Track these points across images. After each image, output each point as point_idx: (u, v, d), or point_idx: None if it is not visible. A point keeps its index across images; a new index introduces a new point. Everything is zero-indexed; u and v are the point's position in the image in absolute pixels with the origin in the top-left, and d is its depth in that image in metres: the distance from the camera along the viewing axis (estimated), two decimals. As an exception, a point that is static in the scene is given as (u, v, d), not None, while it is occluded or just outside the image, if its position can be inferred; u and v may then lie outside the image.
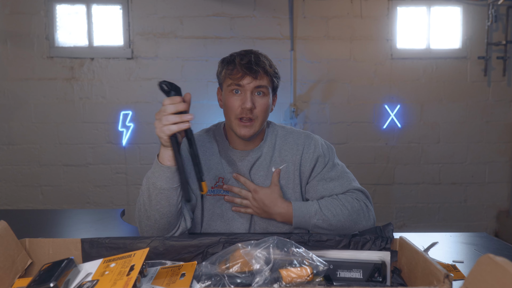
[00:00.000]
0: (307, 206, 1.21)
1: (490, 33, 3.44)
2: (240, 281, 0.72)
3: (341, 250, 0.87)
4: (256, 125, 1.22)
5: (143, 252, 0.75)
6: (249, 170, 1.28)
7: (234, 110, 1.21)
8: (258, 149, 1.29)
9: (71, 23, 3.37)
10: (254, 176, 1.28)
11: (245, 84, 1.20)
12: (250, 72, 1.18)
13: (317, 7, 3.38)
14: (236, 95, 1.21)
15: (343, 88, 3.45)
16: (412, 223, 3.57)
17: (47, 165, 3.38)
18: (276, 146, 1.31)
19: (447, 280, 0.63)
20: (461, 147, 3.54)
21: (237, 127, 1.22)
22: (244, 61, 1.19)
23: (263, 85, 1.21)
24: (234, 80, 1.20)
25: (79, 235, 1.48)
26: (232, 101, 1.22)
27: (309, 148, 1.29)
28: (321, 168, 1.28)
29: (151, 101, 3.38)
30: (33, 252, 0.85)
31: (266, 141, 1.31)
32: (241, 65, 1.19)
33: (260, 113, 1.22)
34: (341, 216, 1.18)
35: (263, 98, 1.22)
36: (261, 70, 1.19)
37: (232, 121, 1.23)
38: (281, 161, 1.29)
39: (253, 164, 1.28)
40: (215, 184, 1.27)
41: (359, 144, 3.49)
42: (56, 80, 3.33)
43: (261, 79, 1.21)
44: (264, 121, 1.25)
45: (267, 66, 1.21)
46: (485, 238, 1.38)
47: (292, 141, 1.31)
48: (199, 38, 3.36)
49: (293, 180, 1.28)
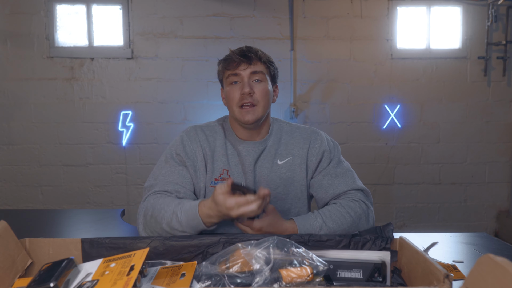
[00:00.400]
0: (310, 221, 1.17)
1: (490, 33, 3.44)
2: (240, 281, 0.72)
3: (341, 250, 0.87)
4: (259, 110, 1.25)
5: (143, 252, 0.74)
6: (254, 163, 1.29)
7: (235, 99, 1.25)
8: (263, 142, 1.31)
9: (71, 23, 3.37)
10: (259, 169, 1.29)
11: (241, 72, 1.25)
12: (244, 58, 1.24)
13: (317, 7, 3.38)
14: (235, 85, 1.26)
15: (343, 88, 3.45)
16: (412, 223, 3.57)
17: (47, 165, 3.38)
18: (282, 140, 1.33)
19: (447, 280, 0.63)
20: (461, 147, 3.54)
21: (240, 114, 1.25)
22: (238, 51, 1.26)
23: (259, 71, 1.26)
24: (231, 70, 1.26)
25: (79, 235, 1.48)
26: (232, 91, 1.26)
27: (315, 142, 1.32)
28: (326, 163, 1.30)
29: (151, 101, 3.38)
30: (33, 252, 0.85)
31: (272, 134, 1.33)
32: (235, 54, 1.25)
33: (261, 98, 1.25)
34: (345, 225, 1.18)
35: (261, 84, 1.26)
36: (253, 55, 1.25)
37: (235, 110, 1.26)
38: (286, 154, 1.31)
39: (258, 156, 1.29)
40: (219, 176, 1.28)
41: (359, 144, 3.49)
42: (56, 80, 3.33)
43: (256, 65, 1.26)
44: (266, 107, 1.27)
45: (259, 52, 1.28)
46: (485, 238, 1.38)
47: (299, 135, 1.34)
48: (199, 38, 3.36)
49: (299, 173, 1.30)
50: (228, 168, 1.28)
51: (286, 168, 1.30)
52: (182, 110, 3.39)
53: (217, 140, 1.31)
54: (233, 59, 1.25)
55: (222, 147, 1.30)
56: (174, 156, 1.27)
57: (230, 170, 1.28)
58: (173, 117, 3.39)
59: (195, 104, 3.38)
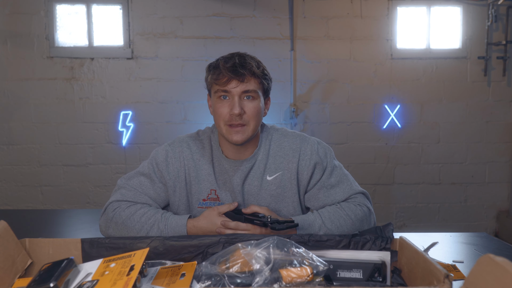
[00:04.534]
0: (309, 221, 1.14)
1: (490, 33, 3.44)
2: (240, 281, 0.72)
3: (341, 250, 0.87)
4: (249, 130, 1.17)
5: (143, 252, 0.74)
6: (242, 182, 1.23)
7: (223, 117, 1.16)
8: (252, 158, 1.23)
9: (71, 23, 3.37)
10: (248, 188, 1.23)
11: (232, 89, 1.14)
12: (236, 76, 1.12)
13: (317, 7, 3.38)
14: (224, 100, 1.16)
15: (343, 88, 3.45)
16: (412, 223, 3.57)
17: (47, 165, 3.38)
18: (270, 152, 1.25)
19: (447, 280, 0.63)
20: (461, 147, 3.53)
21: (228, 133, 1.16)
22: (229, 64, 1.13)
23: (251, 89, 1.15)
24: (220, 85, 1.14)
25: (79, 235, 1.48)
26: (220, 108, 1.16)
27: (305, 154, 1.23)
28: (319, 176, 1.23)
29: (151, 101, 3.38)
30: (33, 252, 0.85)
31: (260, 148, 1.25)
32: (226, 69, 1.13)
33: (251, 118, 1.16)
34: (344, 227, 1.15)
35: (252, 102, 1.16)
36: (247, 72, 1.13)
37: (223, 128, 1.17)
38: (275, 168, 1.23)
39: (246, 175, 1.23)
40: (207, 197, 1.23)
41: (359, 144, 3.49)
42: (56, 80, 3.33)
43: (249, 82, 1.14)
44: (257, 126, 1.19)
45: (254, 68, 1.15)
46: (485, 238, 1.38)
47: (287, 146, 1.25)
48: (199, 38, 3.35)
49: (290, 188, 1.23)
50: (216, 188, 1.22)
51: (276, 184, 1.23)
52: (182, 110, 3.39)
53: (203, 158, 1.24)
54: (223, 74, 1.13)
55: (209, 166, 1.23)
56: (156, 171, 1.24)
57: (218, 190, 1.22)
58: (173, 117, 3.39)
59: (195, 104, 3.38)
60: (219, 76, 1.14)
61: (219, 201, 1.23)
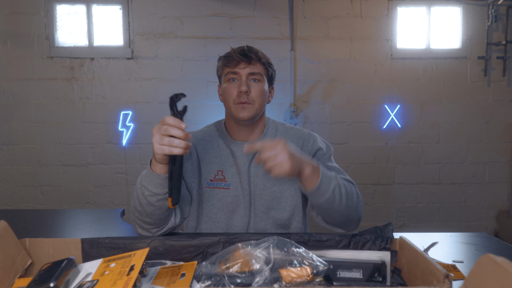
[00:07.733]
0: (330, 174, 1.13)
1: (490, 33, 3.44)
2: (240, 281, 0.72)
3: (341, 250, 0.87)
4: (254, 108, 1.27)
5: (143, 252, 0.75)
6: (248, 164, 1.30)
7: (232, 96, 1.27)
8: (258, 140, 1.33)
9: (71, 23, 3.37)
10: (254, 169, 1.30)
11: (240, 70, 1.27)
12: (245, 58, 1.27)
13: (317, 7, 3.38)
14: (233, 82, 1.29)
15: (343, 88, 3.45)
16: (412, 223, 3.57)
17: (47, 165, 3.38)
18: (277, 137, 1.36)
19: (447, 280, 0.63)
20: (461, 147, 3.53)
21: (236, 110, 1.27)
22: (238, 50, 1.29)
23: (257, 72, 1.28)
24: (231, 67, 1.28)
25: (79, 235, 1.48)
26: (229, 88, 1.28)
27: (309, 141, 1.35)
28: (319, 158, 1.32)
29: (151, 101, 3.38)
30: (33, 252, 0.85)
31: (267, 134, 1.36)
32: (236, 53, 1.28)
33: (257, 97, 1.27)
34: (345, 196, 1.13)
35: (258, 84, 1.29)
36: (254, 56, 1.27)
37: (231, 107, 1.28)
38: None
39: (252, 156, 1.31)
40: (214, 177, 1.30)
41: (359, 144, 3.49)
42: (56, 80, 3.33)
43: (255, 66, 1.28)
44: (261, 106, 1.30)
45: (260, 53, 1.31)
46: (485, 238, 1.38)
47: (293, 134, 1.37)
48: (199, 38, 3.36)
49: None
50: (222, 169, 1.31)
51: None
52: (182, 110, 3.38)
53: (211, 142, 1.35)
54: (234, 57, 1.28)
55: (216, 148, 1.33)
56: None
57: (224, 171, 1.30)
58: (173, 117, 3.38)
59: (195, 104, 3.38)
60: (229, 59, 1.28)
61: (225, 182, 1.30)
